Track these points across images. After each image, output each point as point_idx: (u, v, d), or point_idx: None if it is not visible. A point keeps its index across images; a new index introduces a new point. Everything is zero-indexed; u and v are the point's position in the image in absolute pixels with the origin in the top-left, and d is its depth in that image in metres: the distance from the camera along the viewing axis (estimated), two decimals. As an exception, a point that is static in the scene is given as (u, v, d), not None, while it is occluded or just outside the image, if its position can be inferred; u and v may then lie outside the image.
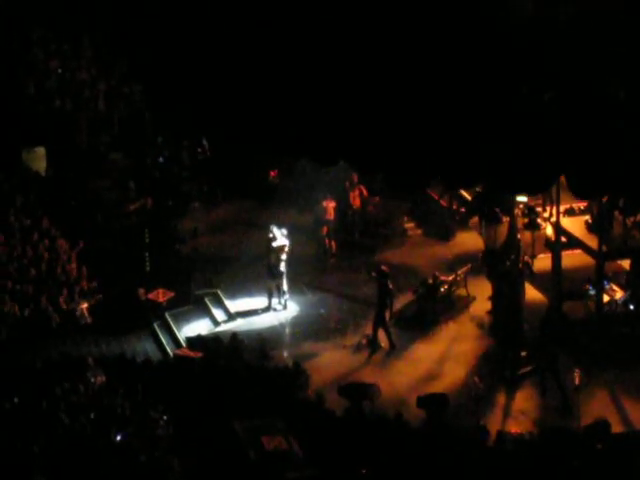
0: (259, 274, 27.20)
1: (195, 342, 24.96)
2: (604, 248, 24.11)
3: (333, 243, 28.75)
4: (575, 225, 25.44)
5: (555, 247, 24.97)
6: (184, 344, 25.22)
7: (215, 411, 21.42)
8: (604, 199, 23.58)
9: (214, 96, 20.62)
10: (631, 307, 24.47)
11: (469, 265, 26.49)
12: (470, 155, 18.74)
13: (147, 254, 27.76)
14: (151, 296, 26.60)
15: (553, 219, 25.02)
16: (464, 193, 28.06)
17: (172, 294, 26.73)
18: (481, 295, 26.07)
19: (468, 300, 26.49)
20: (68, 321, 25.97)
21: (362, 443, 20.12)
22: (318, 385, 22.98)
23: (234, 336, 24.78)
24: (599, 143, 18.24)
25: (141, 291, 26.71)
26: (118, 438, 20.05)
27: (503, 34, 18.58)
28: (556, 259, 24.56)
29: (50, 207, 29.63)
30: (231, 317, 26.68)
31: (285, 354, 24.90)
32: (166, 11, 20.99)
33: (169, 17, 20.95)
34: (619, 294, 24.83)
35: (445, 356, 24.53)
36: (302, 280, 27.65)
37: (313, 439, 20.45)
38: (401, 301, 26.02)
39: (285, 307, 26.88)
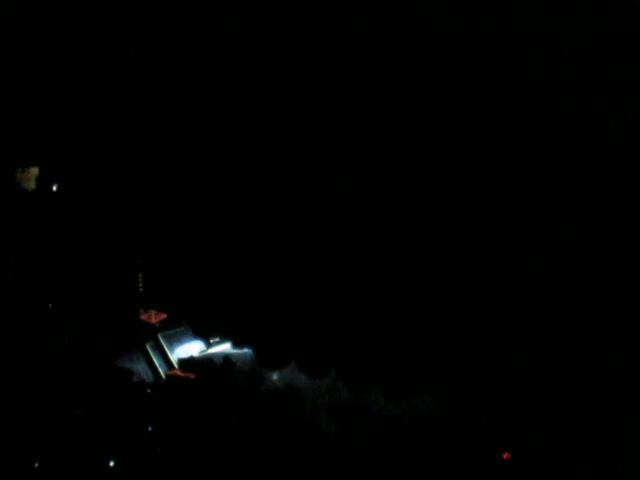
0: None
1: (187, 363, 25.01)
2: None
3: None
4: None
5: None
6: (176, 365, 25.26)
7: (206, 432, 21.46)
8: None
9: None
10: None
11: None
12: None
13: (140, 275, 27.79)
14: (144, 317, 26.66)
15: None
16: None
17: (165, 315, 26.78)
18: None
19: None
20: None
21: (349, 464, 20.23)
22: (310, 407, 23.01)
23: (226, 358, 24.83)
24: None
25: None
26: (109, 460, 20.11)
27: None
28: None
29: (43, 226, 29.62)
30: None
31: (276, 377, 24.94)
32: None
33: None
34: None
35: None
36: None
37: (305, 460, 20.50)
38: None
39: (277, 330, 26.93)
